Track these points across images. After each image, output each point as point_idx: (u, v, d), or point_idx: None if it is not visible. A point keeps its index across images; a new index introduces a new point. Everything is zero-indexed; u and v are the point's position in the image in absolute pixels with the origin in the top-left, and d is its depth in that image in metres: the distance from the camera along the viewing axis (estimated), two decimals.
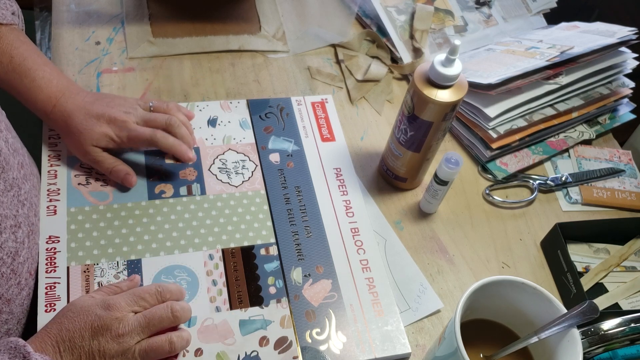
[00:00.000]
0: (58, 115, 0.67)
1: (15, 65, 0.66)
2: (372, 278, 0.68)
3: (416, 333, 0.67)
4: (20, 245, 0.59)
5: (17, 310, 0.59)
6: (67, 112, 0.67)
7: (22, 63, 0.67)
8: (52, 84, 0.68)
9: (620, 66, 0.88)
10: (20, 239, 0.59)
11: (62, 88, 0.68)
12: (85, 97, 0.68)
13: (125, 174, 0.69)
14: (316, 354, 0.62)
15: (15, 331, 0.60)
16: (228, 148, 0.76)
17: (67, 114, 0.67)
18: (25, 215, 0.61)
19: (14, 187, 0.59)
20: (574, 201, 0.82)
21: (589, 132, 0.88)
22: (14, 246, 0.58)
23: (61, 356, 0.52)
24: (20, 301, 0.60)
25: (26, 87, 0.67)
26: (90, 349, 0.52)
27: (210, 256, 0.67)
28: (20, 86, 0.67)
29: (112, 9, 0.88)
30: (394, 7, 0.91)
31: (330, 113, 0.83)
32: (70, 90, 0.68)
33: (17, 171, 0.60)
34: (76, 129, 0.66)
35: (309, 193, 0.74)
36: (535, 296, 0.56)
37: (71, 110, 0.67)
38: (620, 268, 0.76)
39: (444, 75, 0.64)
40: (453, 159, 0.69)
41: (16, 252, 0.58)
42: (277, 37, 0.90)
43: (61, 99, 0.67)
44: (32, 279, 0.62)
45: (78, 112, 0.67)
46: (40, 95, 0.67)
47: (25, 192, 0.61)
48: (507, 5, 0.97)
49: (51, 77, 0.68)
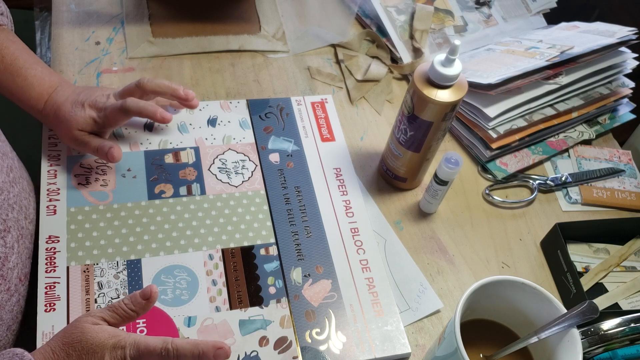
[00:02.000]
0: (49, 110, 0.68)
1: (7, 65, 0.67)
2: (372, 278, 0.68)
3: (416, 333, 0.67)
4: (10, 250, 0.59)
5: (6, 317, 0.59)
6: (56, 104, 0.68)
7: (14, 62, 0.67)
8: (44, 81, 0.69)
9: (620, 66, 0.88)
10: (10, 243, 0.59)
11: (54, 84, 0.69)
12: (74, 90, 0.70)
13: (109, 148, 0.68)
14: (316, 354, 0.62)
15: (4, 338, 0.60)
16: (228, 148, 0.76)
17: (56, 106, 0.68)
18: (15, 219, 0.61)
19: (3, 191, 0.59)
20: (574, 201, 0.82)
21: (589, 132, 0.88)
22: (3, 251, 0.57)
23: None
24: (10, 307, 0.59)
25: (18, 87, 0.67)
26: None
27: (210, 256, 0.67)
28: (12, 86, 0.68)
29: (112, 9, 0.88)
30: (393, 7, 0.91)
31: (330, 113, 0.83)
32: (61, 86, 0.70)
33: (5, 175, 0.60)
34: (64, 117, 0.67)
35: (309, 193, 0.74)
36: (535, 296, 0.56)
37: (61, 103, 0.68)
38: (620, 268, 0.76)
39: (444, 75, 0.64)
40: (453, 159, 0.69)
41: (5, 257, 0.58)
42: (277, 37, 0.90)
43: (52, 94, 0.69)
44: (23, 284, 0.62)
45: (66, 103, 0.68)
46: (33, 93, 0.68)
47: (14, 196, 0.61)
48: (507, 5, 0.97)
49: (43, 75, 0.69)
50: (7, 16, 0.71)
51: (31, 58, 0.69)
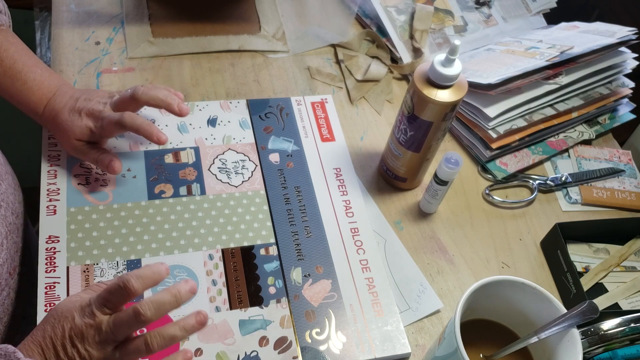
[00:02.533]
0: (48, 115, 0.68)
1: (6, 68, 0.66)
2: (372, 278, 0.68)
3: (416, 333, 0.67)
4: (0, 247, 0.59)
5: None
6: (55, 110, 0.67)
7: (13, 66, 0.67)
8: (43, 85, 0.68)
9: (620, 66, 0.88)
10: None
11: (53, 89, 0.68)
12: (73, 94, 0.69)
13: (109, 160, 0.68)
14: (316, 354, 0.62)
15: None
16: (228, 148, 0.76)
17: (55, 112, 0.67)
18: (2, 216, 0.61)
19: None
20: (574, 201, 0.82)
21: (589, 132, 0.88)
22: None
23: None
24: (1, 301, 0.60)
25: (18, 90, 0.67)
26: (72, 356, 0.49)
27: (210, 256, 0.67)
28: (11, 89, 0.67)
29: (112, 9, 0.88)
30: (393, 7, 0.91)
31: (330, 113, 0.83)
32: (60, 89, 0.69)
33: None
34: (63, 126, 0.67)
35: (309, 193, 0.74)
36: (535, 296, 0.56)
37: (59, 109, 0.67)
38: (620, 268, 0.76)
39: (444, 75, 0.64)
40: (453, 159, 0.69)
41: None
42: (277, 37, 0.90)
43: (51, 99, 0.68)
44: (12, 277, 0.62)
45: (64, 109, 0.67)
46: (33, 97, 0.67)
47: (1, 194, 0.62)
48: (507, 5, 0.97)
49: (42, 79, 0.68)
50: (6, 14, 0.70)
51: (30, 60, 0.69)
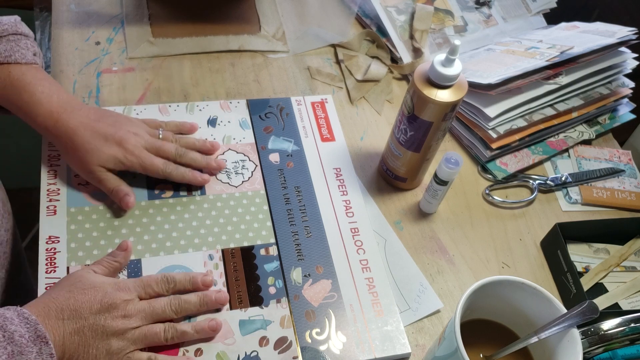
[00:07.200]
0: (61, 132, 0.65)
1: (14, 79, 0.65)
2: (372, 278, 0.68)
3: (416, 333, 0.67)
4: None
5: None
6: (71, 129, 0.65)
7: (21, 78, 0.65)
8: (52, 99, 0.66)
9: (620, 66, 0.88)
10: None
11: (63, 103, 0.66)
12: (88, 114, 0.67)
13: (124, 195, 0.67)
14: (316, 354, 0.62)
15: None
16: (228, 148, 0.76)
17: (71, 131, 0.65)
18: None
19: None
20: (574, 201, 0.82)
21: (589, 132, 0.88)
22: None
23: (64, 322, 0.53)
24: None
25: (25, 102, 0.65)
26: (94, 323, 0.55)
27: (210, 256, 0.67)
28: (19, 101, 0.65)
29: (112, 9, 0.88)
30: (393, 7, 0.91)
31: (330, 113, 0.83)
32: (71, 105, 0.67)
33: None
34: (82, 147, 0.65)
35: (309, 193, 0.74)
36: (535, 296, 0.56)
37: (75, 127, 0.65)
38: (620, 268, 0.76)
39: (444, 75, 0.64)
40: (453, 159, 0.69)
41: None
42: (277, 37, 0.90)
43: (63, 115, 0.66)
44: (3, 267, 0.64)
45: (83, 130, 0.65)
46: (41, 110, 0.65)
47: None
48: (507, 5, 0.97)
49: (51, 92, 0.66)
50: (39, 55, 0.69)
51: (39, 74, 0.67)
